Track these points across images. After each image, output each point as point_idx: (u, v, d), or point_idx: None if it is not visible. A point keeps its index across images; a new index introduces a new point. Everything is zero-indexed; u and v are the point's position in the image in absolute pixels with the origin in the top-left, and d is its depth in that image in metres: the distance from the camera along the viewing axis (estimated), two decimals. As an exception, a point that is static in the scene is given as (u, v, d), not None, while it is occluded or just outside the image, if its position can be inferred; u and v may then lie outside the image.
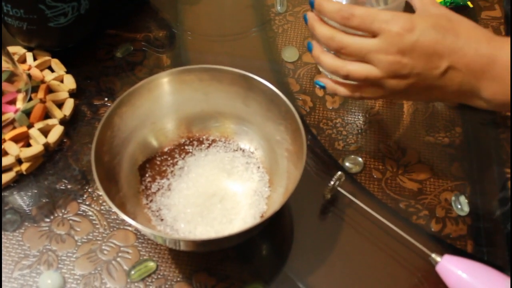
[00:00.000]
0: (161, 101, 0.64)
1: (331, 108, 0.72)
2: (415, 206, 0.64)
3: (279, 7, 0.84)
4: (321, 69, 0.71)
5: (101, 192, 0.54)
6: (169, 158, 0.64)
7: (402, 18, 0.54)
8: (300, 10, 0.83)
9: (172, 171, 0.63)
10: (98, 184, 0.54)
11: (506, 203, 0.64)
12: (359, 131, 0.70)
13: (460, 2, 0.82)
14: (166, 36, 0.80)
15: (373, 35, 0.55)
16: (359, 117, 0.71)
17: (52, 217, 0.63)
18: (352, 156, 0.68)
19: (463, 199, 0.64)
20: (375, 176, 0.66)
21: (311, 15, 0.59)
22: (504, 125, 0.71)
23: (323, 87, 0.62)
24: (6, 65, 0.66)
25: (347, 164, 0.67)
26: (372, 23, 0.54)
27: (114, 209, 0.52)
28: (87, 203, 0.64)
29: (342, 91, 0.60)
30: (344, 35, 0.56)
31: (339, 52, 0.57)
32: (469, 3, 0.83)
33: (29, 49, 0.74)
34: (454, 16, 0.56)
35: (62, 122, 0.68)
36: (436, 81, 0.54)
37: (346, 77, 0.57)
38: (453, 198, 0.65)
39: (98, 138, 0.57)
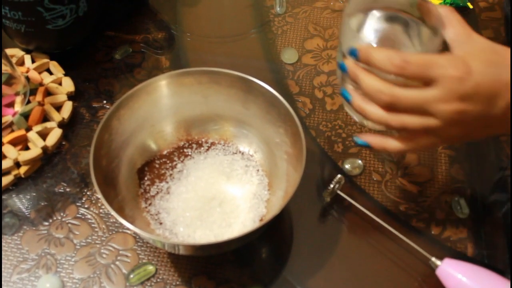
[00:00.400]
0: (160, 104, 0.64)
1: (330, 110, 0.72)
2: (415, 208, 0.64)
3: (278, 9, 0.84)
4: (356, 118, 0.61)
5: (99, 196, 0.53)
6: (168, 161, 0.64)
7: (458, 61, 0.49)
8: (300, 11, 0.83)
9: (171, 174, 0.63)
10: (96, 188, 0.54)
11: (506, 205, 0.64)
12: (359, 133, 0.70)
13: (460, 3, 0.82)
14: (165, 37, 0.80)
15: (429, 83, 0.49)
16: (358, 119, 0.71)
17: (50, 221, 0.62)
18: (352, 159, 0.67)
19: (463, 202, 0.64)
20: (374, 179, 0.66)
21: (352, 65, 0.53)
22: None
23: (366, 146, 0.55)
24: (4, 68, 0.65)
25: (346, 166, 0.67)
26: (429, 70, 0.48)
27: (113, 213, 0.52)
28: (86, 206, 0.64)
29: (394, 145, 0.54)
30: (395, 87, 0.50)
31: (391, 106, 0.51)
32: (469, 4, 0.83)
33: (28, 52, 0.74)
34: (496, 47, 0.51)
35: (61, 125, 0.68)
36: (494, 120, 0.50)
37: (400, 129, 0.52)
38: (453, 200, 0.64)
39: (97, 142, 0.57)
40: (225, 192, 0.61)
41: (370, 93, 0.51)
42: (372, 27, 0.58)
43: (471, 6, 0.83)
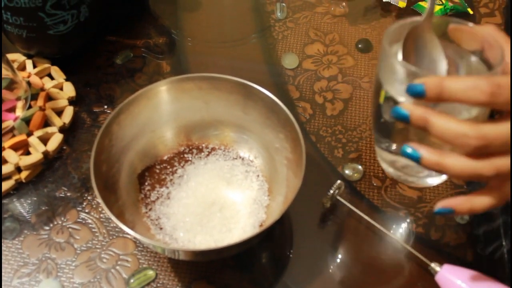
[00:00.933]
0: (160, 110, 0.64)
1: (330, 115, 0.72)
2: (414, 214, 0.64)
3: (279, 14, 0.84)
4: (425, 181, 0.53)
5: (100, 201, 0.53)
6: (168, 167, 0.64)
7: None
8: (300, 16, 0.83)
9: (171, 180, 0.63)
10: (96, 193, 0.54)
11: (506, 211, 0.64)
12: (359, 138, 0.70)
13: (460, 9, 0.82)
14: (166, 42, 0.80)
15: None
16: (359, 124, 0.71)
17: (51, 225, 0.63)
18: (352, 164, 0.68)
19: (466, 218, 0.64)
20: (374, 184, 0.66)
21: (416, 108, 0.43)
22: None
23: (450, 213, 0.46)
24: (5, 73, 0.65)
25: (346, 171, 0.67)
26: None
27: (113, 218, 0.52)
28: (87, 211, 0.64)
29: (484, 203, 0.45)
30: (481, 124, 0.41)
31: (480, 150, 0.41)
32: (469, 10, 0.83)
33: (29, 57, 0.74)
34: None
35: (62, 130, 0.68)
36: None
37: (493, 177, 0.43)
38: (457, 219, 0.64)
39: (97, 147, 0.57)
40: (225, 197, 0.62)
41: (451, 140, 0.42)
42: (418, 57, 0.48)
43: (471, 12, 0.83)
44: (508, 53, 0.45)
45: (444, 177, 0.54)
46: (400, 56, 0.47)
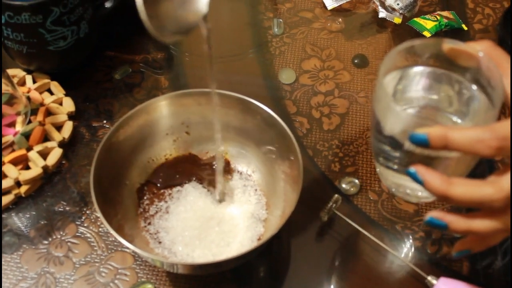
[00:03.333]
0: (159, 125, 0.65)
1: (327, 130, 0.73)
2: (411, 227, 0.64)
3: (276, 29, 0.85)
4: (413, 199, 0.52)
5: (99, 215, 0.54)
6: (167, 181, 0.65)
7: None
8: (297, 32, 0.84)
9: (170, 194, 0.64)
10: (96, 207, 0.54)
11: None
12: (355, 152, 0.71)
13: (455, 25, 0.83)
14: (164, 57, 0.81)
15: None
16: (355, 138, 0.72)
17: (50, 239, 0.63)
18: (349, 178, 0.68)
19: None
20: (371, 198, 0.67)
21: (434, 180, 0.42)
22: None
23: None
24: (5, 88, 0.66)
25: (343, 185, 0.68)
26: None
27: (112, 232, 0.52)
28: (85, 225, 0.64)
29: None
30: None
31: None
32: (463, 26, 0.84)
33: (29, 72, 0.75)
34: None
35: (61, 144, 0.69)
36: None
37: None
38: None
39: (97, 162, 0.58)
40: (223, 211, 0.62)
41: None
42: (412, 91, 0.48)
43: (465, 28, 0.84)
44: (508, 80, 0.44)
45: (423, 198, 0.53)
46: (389, 88, 0.47)
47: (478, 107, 0.47)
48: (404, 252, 0.62)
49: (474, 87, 0.47)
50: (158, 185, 0.64)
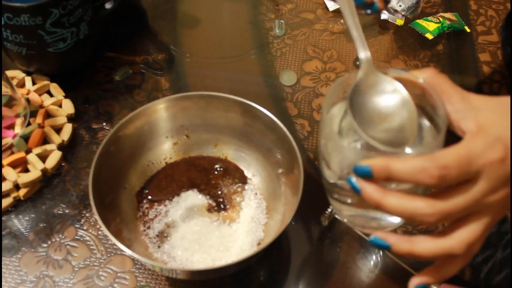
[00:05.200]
0: (158, 128, 0.64)
1: (328, 132, 0.72)
2: (412, 231, 0.64)
3: (277, 31, 0.84)
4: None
5: (98, 219, 0.54)
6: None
7: (489, 139, 0.42)
8: (299, 33, 0.84)
9: (169, 198, 0.63)
10: (94, 211, 0.54)
11: (505, 229, 0.64)
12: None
13: (458, 27, 0.83)
14: (165, 58, 0.81)
15: (470, 178, 0.41)
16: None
17: (49, 242, 0.62)
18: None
19: None
20: (372, 202, 0.66)
21: (369, 188, 0.43)
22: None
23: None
24: (4, 90, 0.66)
25: (344, 189, 0.67)
26: (471, 165, 0.41)
27: (111, 237, 0.52)
28: (85, 228, 0.64)
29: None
30: (437, 200, 0.41)
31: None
32: (466, 28, 0.84)
33: (28, 73, 0.74)
34: (497, 100, 0.45)
35: (60, 147, 0.68)
36: None
37: (465, 253, 0.44)
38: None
39: (96, 166, 0.57)
40: (223, 215, 0.62)
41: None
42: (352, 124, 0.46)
43: (468, 30, 0.84)
44: (452, 106, 0.44)
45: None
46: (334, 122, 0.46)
47: (425, 133, 0.47)
48: (405, 257, 0.62)
49: (420, 115, 0.47)
50: (150, 197, 0.63)
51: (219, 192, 0.63)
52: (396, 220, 0.50)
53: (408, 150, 0.45)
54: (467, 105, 0.44)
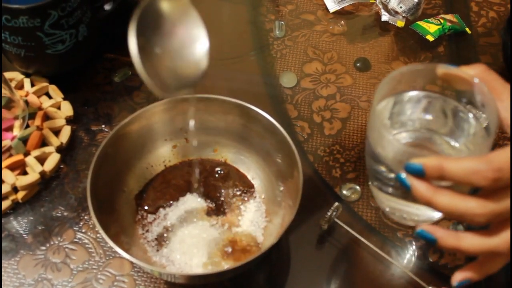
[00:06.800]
0: (157, 130, 0.64)
1: (328, 134, 0.72)
2: (412, 235, 0.64)
3: (277, 32, 0.84)
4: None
5: (95, 223, 0.53)
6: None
7: None
8: (299, 34, 0.84)
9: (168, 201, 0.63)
10: (92, 215, 0.54)
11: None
12: (357, 158, 0.70)
13: (458, 28, 0.83)
14: (164, 60, 0.80)
15: None
16: (357, 143, 0.71)
17: (47, 245, 0.62)
18: (349, 184, 0.67)
19: (461, 228, 0.64)
20: (372, 205, 0.66)
21: (420, 186, 0.42)
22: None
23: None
24: (3, 92, 0.65)
25: (344, 192, 0.67)
26: None
27: (109, 241, 0.52)
28: (83, 230, 0.63)
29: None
30: (487, 200, 0.41)
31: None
32: (467, 29, 0.83)
33: (27, 75, 0.74)
34: None
35: (59, 149, 0.68)
36: None
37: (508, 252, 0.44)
38: (450, 226, 0.64)
39: (94, 169, 0.57)
40: (222, 219, 0.61)
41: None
42: (406, 115, 0.48)
43: (469, 31, 0.83)
44: (503, 104, 0.44)
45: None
46: (384, 117, 0.47)
47: (473, 130, 0.47)
48: (405, 261, 0.62)
49: (469, 111, 0.47)
50: (147, 208, 0.63)
51: (218, 195, 0.63)
52: (436, 215, 0.50)
53: (456, 143, 0.45)
54: None
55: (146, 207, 0.62)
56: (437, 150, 0.49)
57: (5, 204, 0.64)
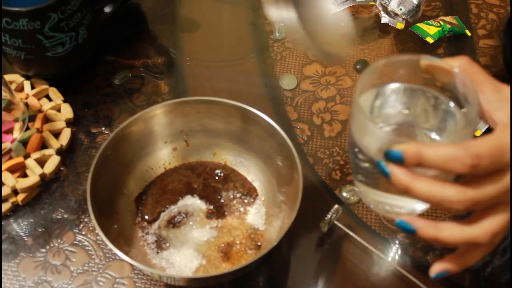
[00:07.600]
0: (157, 133, 0.64)
1: (328, 136, 0.72)
2: (412, 238, 0.64)
3: (277, 34, 0.84)
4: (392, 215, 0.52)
5: (95, 225, 0.53)
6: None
7: None
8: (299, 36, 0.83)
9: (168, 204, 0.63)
10: (92, 217, 0.54)
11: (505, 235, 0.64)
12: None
13: (458, 30, 0.83)
14: (164, 62, 0.81)
15: (501, 168, 0.41)
16: (356, 146, 0.71)
17: (48, 247, 0.62)
18: (349, 186, 0.67)
19: None
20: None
21: (398, 172, 0.42)
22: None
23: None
24: (3, 94, 0.65)
25: (344, 194, 0.67)
26: (502, 156, 0.41)
27: (109, 244, 0.52)
28: (83, 233, 0.63)
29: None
30: (466, 187, 0.41)
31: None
32: (467, 31, 0.83)
33: (27, 78, 0.74)
34: None
35: (59, 152, 0.68)
36: None
37: (489, 241, 0.43)
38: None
39: (94, 171, 0.57)
40: (222, 221, 0.61)
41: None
42: (389, 108, 0.48)
43: (469, 34, 0.84)
44: (484, 96, 0.44)
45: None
46: (365, 106, 0.47)
47: (455, 122, 0.47)
48: (405, 263, 0.62)
49: (451, 103, 0.47)
50: (146, 210, 0.63)
51: (218, 198, 0.63)
52: (419, 207, 0.49)
53: (438, 137, 0.45)
54: (500, 96, 0.44)
55: (146, 210, 0.62)
56: None
57: (5, 206, 0.64)
